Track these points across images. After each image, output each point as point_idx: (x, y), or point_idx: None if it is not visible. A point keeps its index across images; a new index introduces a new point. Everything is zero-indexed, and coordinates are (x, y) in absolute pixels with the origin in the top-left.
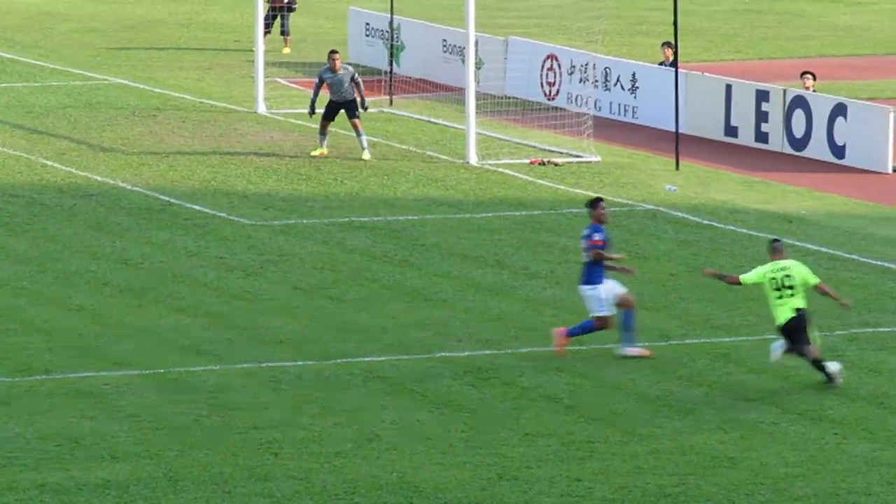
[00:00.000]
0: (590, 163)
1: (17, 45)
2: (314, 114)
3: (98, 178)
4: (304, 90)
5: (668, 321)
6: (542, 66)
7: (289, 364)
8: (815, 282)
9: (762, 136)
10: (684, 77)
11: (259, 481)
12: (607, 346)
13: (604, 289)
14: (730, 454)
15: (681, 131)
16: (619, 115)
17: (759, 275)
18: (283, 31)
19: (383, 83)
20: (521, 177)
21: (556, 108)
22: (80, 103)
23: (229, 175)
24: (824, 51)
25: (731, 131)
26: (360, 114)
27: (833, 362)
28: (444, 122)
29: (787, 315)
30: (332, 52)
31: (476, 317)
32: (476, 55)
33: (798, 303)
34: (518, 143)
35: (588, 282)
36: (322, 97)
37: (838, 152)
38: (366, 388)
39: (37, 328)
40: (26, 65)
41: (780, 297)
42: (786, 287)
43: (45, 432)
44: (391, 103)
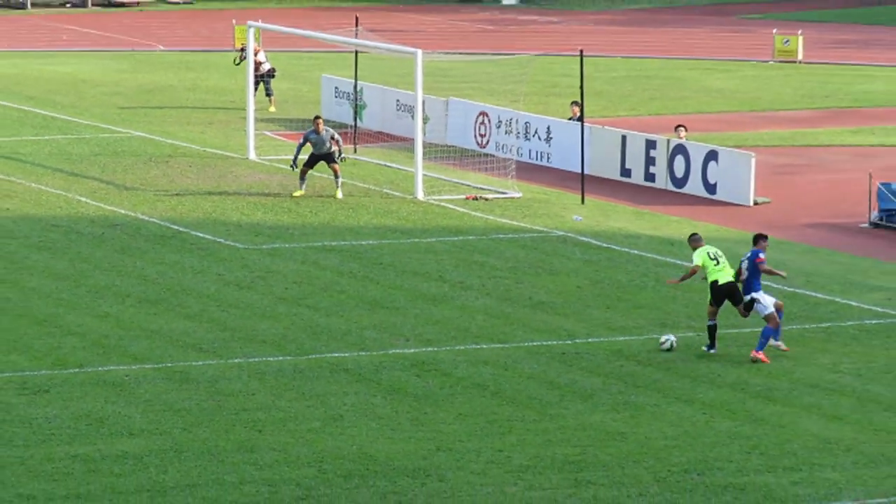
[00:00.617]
0: (513, 198)
1: (57, 105)
2: (296, 167)
3: (122, 211)
4: (287, 141)
5: (574, 324)
6: (476, 121)
7: (272, 359)
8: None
9: (650, 176)
10: (588, 129)
11: (247, 452)
12: (524, 345)
13: (762, 294)
14: (621, 430)
15: (586, 173)
16: (536, 160)
17: (702, 256)
18: (268, 93)
19: (349, 135)
20: (458, 209)
21: (486, 155)
22: (108, 151)
23: (226, 209)
24: (700, 108)
25: (626, 172)
26: (339, 162)
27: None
28: (398, 166)
29: (727, 278)
30: (317, 117)
31: (422, 321)
32: (423, 112)
33: (731, 272)
34: (456, 182)
35: (754, 289)
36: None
37: (711, 189)
38: (332, 378)
39: (72, 331)
40: (64, 121)
41: (717, 265)
42: (718, 257)
43: (77, 414)
44: (356, 151)
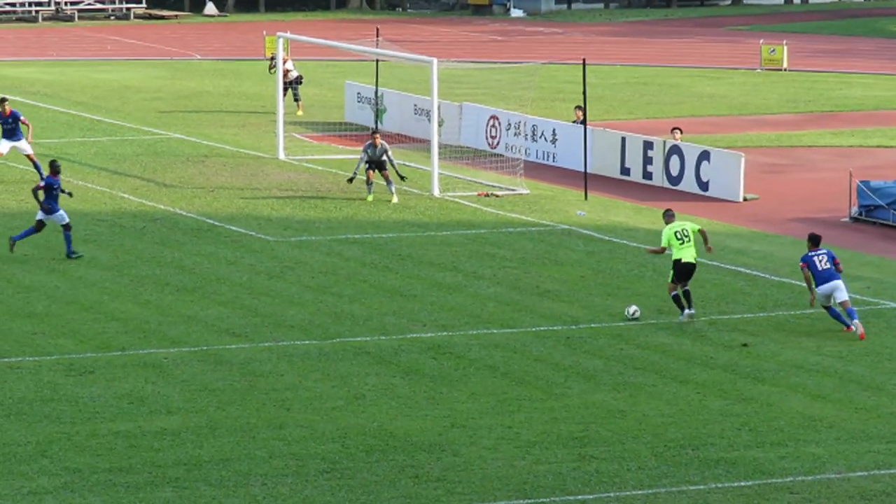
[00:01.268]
0: (521, 195)
1: (102, 110)
2: (353, 180)
3: (162, 207)
4: (313, 143)
5: (578, 310)
6: (487, 124)
7: (299, 343)
8: (698, 228)
9: (648, 175)
10: (591, 132)
11: (276, 429)
12: (532, 330)
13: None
14: (621, 408)
15: (588, 171)
16: (543, 159)
17: (668, 236)
18: (296, 98)
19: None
20: (471, 205)
21: (497, 155)
22: (149, 152)
23: (258, 204)
24: (693, 112)
25: (626, 171)
26: (389, 171)
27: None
28: (416, 165)
29: (689, 258)
30: (374, 132)
31: (437, 308)
32: (439, 116)
33: (693, 251)
34: (469, 180)
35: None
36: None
37: (703, 187)
38: (355, 360)
39: (115, 317)
40: (109, 124)
41: (682, 243)
42: (685, 237)
43: (120, 393)
44: None
